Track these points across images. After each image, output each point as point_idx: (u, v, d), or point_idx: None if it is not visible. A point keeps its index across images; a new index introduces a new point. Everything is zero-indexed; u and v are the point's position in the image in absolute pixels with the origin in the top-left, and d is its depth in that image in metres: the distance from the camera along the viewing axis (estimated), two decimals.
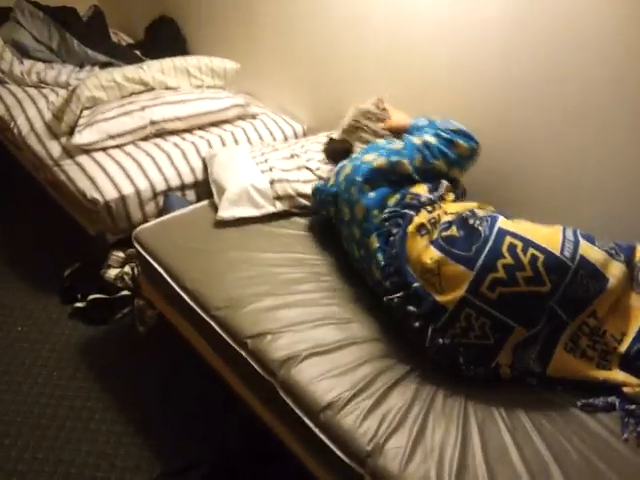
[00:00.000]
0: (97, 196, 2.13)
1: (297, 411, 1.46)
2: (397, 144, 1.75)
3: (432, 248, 1.52)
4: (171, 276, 1.82)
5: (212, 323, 1.68)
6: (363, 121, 1.93)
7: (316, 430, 1.42)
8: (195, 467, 1.68)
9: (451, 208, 1.64)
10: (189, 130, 2.47)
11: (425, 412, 1.41)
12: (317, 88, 2.59)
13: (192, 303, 1.74)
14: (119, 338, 2.21)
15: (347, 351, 1.56)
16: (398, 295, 1.55)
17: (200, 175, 2.33)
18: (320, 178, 2.06)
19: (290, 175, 2.09)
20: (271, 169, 2.09)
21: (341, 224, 1.81)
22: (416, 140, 1.72)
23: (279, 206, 2.05)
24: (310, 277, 1.81)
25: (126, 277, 2.27)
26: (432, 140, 1.70)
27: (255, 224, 2.02)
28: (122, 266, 2.31)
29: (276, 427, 1.60)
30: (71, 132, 2.31)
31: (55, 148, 2.33)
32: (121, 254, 2.31)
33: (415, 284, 1.51)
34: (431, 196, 1.66)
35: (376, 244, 1.63)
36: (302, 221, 2.07)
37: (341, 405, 1.42)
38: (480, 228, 1.50)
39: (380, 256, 1.61)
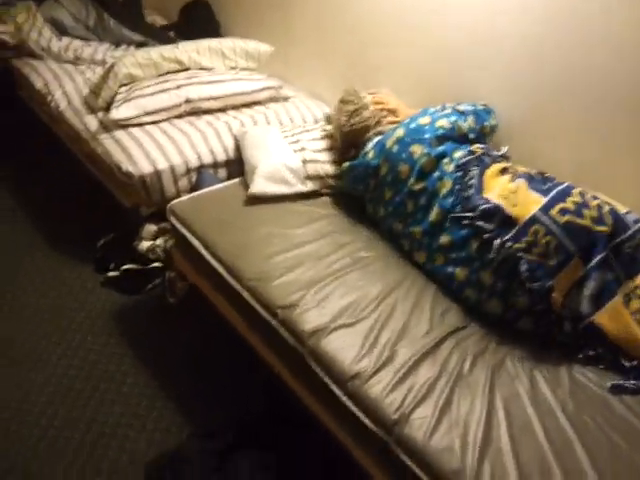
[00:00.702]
0: (132, 169, 2.19)
1: (326, 380, 1.51)
2: (447, 109, 1.96)
3: (513, 183, 1.73)
4: (205, 248, 1.88)
5: (244, 294, 1.74)
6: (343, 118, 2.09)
7: (344, 398, 1.47)
8: (223, 432, 1.74)
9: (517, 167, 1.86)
10: (223, 110, 2.51)
11: (452, 385, 1.46)
12: (350, 74, 2.61)
13: (225, 274, 1.80)
14: (150, 308, 2.29)
15: (377, 323, 1.61)
16: (468, 214, 1.70)
17: (232, 154, 2.38)
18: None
19: (321, 156, 2.14)
20: (303, 149, 2.14)
21: (387, 188, 1.91)
22: (450, 110, 1.95)
23: (310, 186, 2.10)
24: (340, 252, 1.86)
25: (158, 249, 2.33)
26: (468, 107, 1.97)
27: (285, 202, 2.07)
28: (154, 239, 2.37)
29: (304, 396, 1.65)
30: (108, 107, 2.37)
31: (92, 122, 2.39)
32: (154, 227, 2.38)
33: (490, 204, 1.67)
34: (500, 153, 1.93)
35: (449, 186, 1.78)
36: (331, 200, 2.12)
37: (369, 375, 1.47)
38: (555, 180, 1.73)
39: (451, 200, 1.76)
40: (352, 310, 1.64)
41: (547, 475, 1.27)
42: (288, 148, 2.16)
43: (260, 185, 2.03)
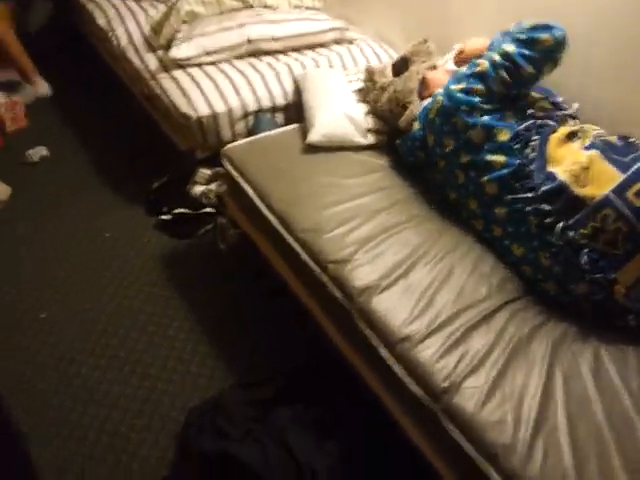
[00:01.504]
0: (190, 111, 2.13)
1: (373, 341, 1.45)
2: (481, 66, 1.63)
3: (585, 151, 1.50)
4: (258, 196, 1.82)
5: (295, 245, 1.68)
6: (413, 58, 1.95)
7: (391, 362, 1.40)
8: (265, 383, 1.71)
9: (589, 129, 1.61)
10: (284, 51, 2.41)
11: (508, 355, 1.36)
12: (422, 18, 2.44)
13: (277, 224, 1.74)
14: (200, 253, 2.26)
15: (431, 285, 1.52)
16: (528, 195, 1.51)
17: (292, 98, 2.28)
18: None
19: None
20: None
21: (434, 162, 1.75)
22: (495, 56, 1.60)
23: (370, 139, 1.98)
24: (396, 207, 1.77)
25: (211, 194, 2.30)
26: (510, 48, 1.57)
27: (343, 151, 1.97)
28: (208, 183, 2.33)
29: (350, 355, 1.59)
30: (169, 46, 2.31)
31: (152, 61, 2.34)
32: (208, 172, 2.33)
33: (555, 182, 1.47)
34: (568, 112, 1.67)
35: (502, 159, 1.57)
36: (391, 151, 1.98)
37: (419, 339, 1.39)
38: (638, 144, 1.51)
39: (507, 171, 1.56)
40: (406, 270, 1.55)
41: (604, 458, 1.18)
42: (351, 96, 2.04)
43: (319, 135, 1.93)
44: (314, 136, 1.93)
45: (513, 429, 1.22)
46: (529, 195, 1.50)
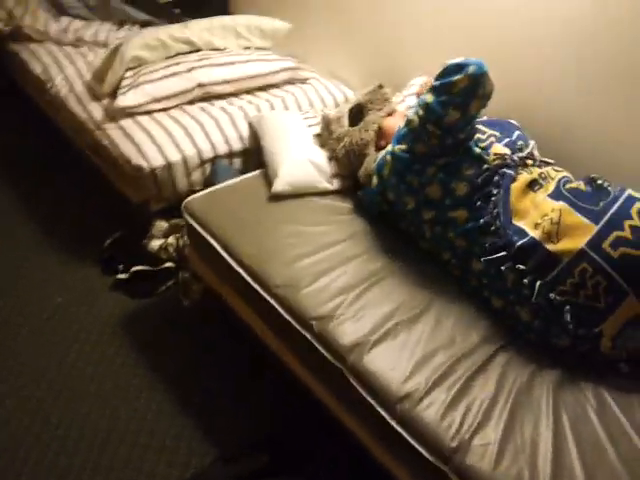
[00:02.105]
0: (142, 162, 2.01)
1: (371, 401, 1.36)
2: (411, 123, 1.55)
3: (551, 200, 1.44)
4: (226, 250, 1.71)
5: (273, 302, 1.57)
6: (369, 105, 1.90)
7: (393, 422, 1.31)
8: (253, 452, 1.58)
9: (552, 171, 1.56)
10: (236, 94, 2.33)
11: (512, 404, 1.31)
12: (371, 53, 2.43)
13: (250, 280, 1.63)
14: (163, 312, 2.11)
15: (422, 336, 1.45)
16: (500, 255, 1.44)
17: (248, 142, 2.19)
18: None
19: None
20: None
21: (400, 215, 1.70)
22: (419, 110, 1.53)
23: (335, 184, 1.92)
24: (370, 254, 1.69)
25: (170, 248, 2.16)
26: (429, 99, 1.49)
27: (308, 196, 1.90)
28: (166, 237, 2.19)
29: (344, 417, 1.49)
30: (113, 94, 2.19)
31: (97, 110, 2.20)
32: (164, 224, 2.20)
33: (525, 238, 1.42)
34: (525, 153, 1.61)
35: (464, 214, 1.52)
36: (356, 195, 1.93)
37: (420, 396, 1.32)
38: (609, 188, 1.45)
39: (471, 225, 1.50)
40: (393, 323, 1.47)
41: None
42: (311, 140, 1.98)
43: (284, 183, 1.85)
44: (279, 185, 1.85)
45: None
46: (502, 254, 1.45)
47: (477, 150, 1.55)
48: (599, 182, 1.49)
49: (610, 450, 1.22)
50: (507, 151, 1.60)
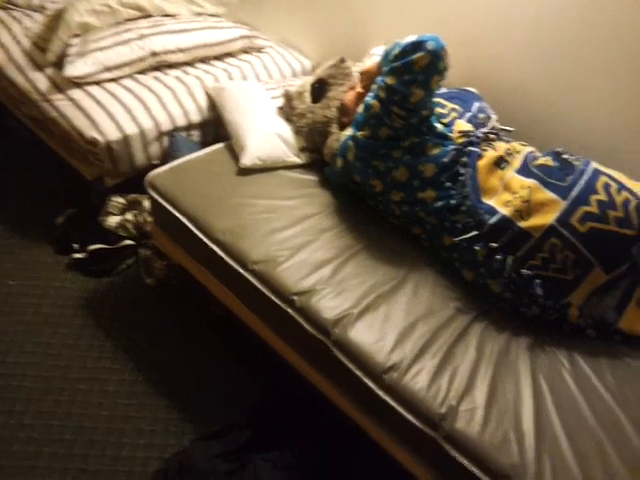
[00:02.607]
0: (97, 136, 1.90)
1: (358, 373, 1.37)
2: (373, 108, 1.54)
3: (520, 177, 1.48)
4: (197, 227, 1.66)
5: (251, 278, 1.55)
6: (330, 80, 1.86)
7: (381, 393, 1.34)
8: (233, 431, 1.57)
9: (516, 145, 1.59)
10: (191, 63, 2.24)
11: (493, 369, 1.36)
12: (328, 22, 2.38)
13: (225, 257, 1.59)
14: (125, 291, 2.03)
15: (402, 307, 1.47)
16: (473, 234, 1.47)
17: (207, 113, 2.12)
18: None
19: None
20: None
21: (368, 195, 1.70)
22: (381, 93, 1.52)
23: (304, 158, 1.89)
24: (344, 225, 1.70)
25: (128, 225, 2.08)
26: (391, 81, 1.49)
27: (277, 170, 1.87)
28: (123, 213, 2.11)
29: (328, 390, 1.50)
30: (58, 62, 2.04)
31: (41, 80, 2.05)
32: (121, 200, 2.11)
33: (496, 216, 1.45)
34: (485, 129, 1.60)
35: (432, 194, 1.53)
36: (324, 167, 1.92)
37: (407, 365, 1.34)
38: (575, 163, 1.49)
39: (441, 204, 1.52)
40: (374, 294, 1.49)
41: (605, 461, 1.20)
42: (276, 113, 1.94)
43: (252, 157, 1.81)
44: (248, 160, 1.80)
45: (518, 447, 1.21)
46: (475, 233, 1.48)
47: (440, 127, 1.57)
48: (564, 156, 1.52)
49: (585, 408, 1.30)
50: (470, 127, 1.61)
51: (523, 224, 1.43)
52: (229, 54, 2.33)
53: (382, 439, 1.42)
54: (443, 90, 1.79)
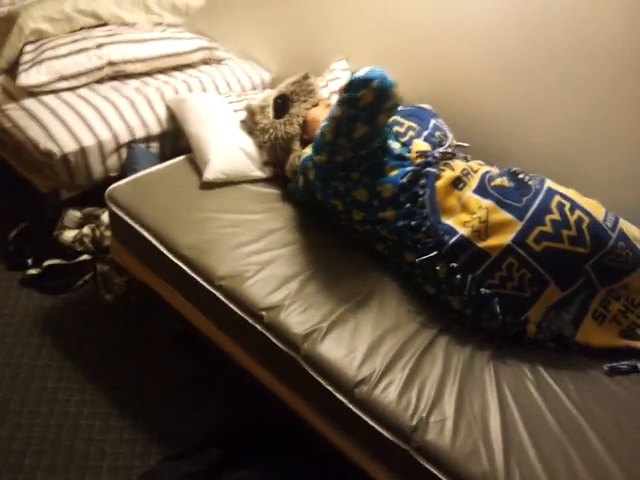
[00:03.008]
0: (53, 147, 1.85)
1: (328, 388, 1.37)
2: (326, 136, 1.54)
3: (477, 197, 1.51)
4: (161, 242, 1.63)
5: (218, 294, 1.53)
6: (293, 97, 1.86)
7: (352, 406, 1.34)
8: (201, 449, 1.54)
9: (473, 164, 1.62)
10: (149, 74, 2.20)
11: (459, 380, 1.39)
12: (288, 34, 2.38)
13: (192, 273, 1.57)
14: (83, 308, 1.97)
15: (370, 320, 1.49)
16: (433, 254, 1.49)
17: (167, 125, 2.09)
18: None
19: None
20: None
21: (330, 213, 1.70)
22: (331, 122, 1.52)
23: (267, 172, 1.89)
24: (309, 239, 1.70)
25: (86, 239, 2.02)
26: (338, 112, 1.49)
27: (241, 184, 1.86)
28: (80, 227, 2.05)
29: (299, 406, 1.50)
30: (10, 70, 1.98)
31: None
32: (78, 213, 2.05)
33: (455, 236, 1.48)
34: (442, 149, 1.62)
35: (392, 214, 1.55)
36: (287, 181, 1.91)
37: (377, 378, 1.36)
38: (530, 183, 1.52)
39: (402, 223, 1.54)
40: (342, 308, 1.50)
41: (570, 466, 1.24)
42: (239, 126, 1.93)
43: (216, 171, 1.80)
44: (211, 173, 1.79)
45: (487, 456, 1.24)
46: (435, 253, 1.50)
47: (397, 150, 1.58)
48: (520, 176, 1.55)
49: (549, 416, 1.33)
50: (427, 147, 1.62)
51: (482, 244, 1.46)
52: (189, 65, 2.30)
53: (354, 453, 1.42)
54: (400, 107, 1.82)
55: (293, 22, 2.34)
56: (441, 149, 1.62)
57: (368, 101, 1.44)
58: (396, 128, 1.67)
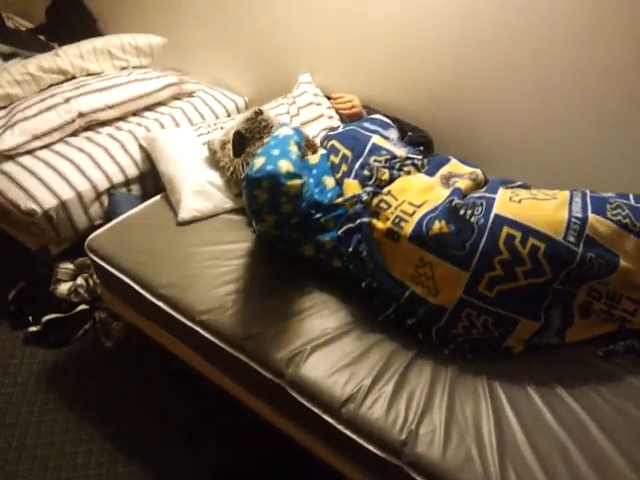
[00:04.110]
0: (33, 206, 1.88)
1: (315, 410, 1.35)
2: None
3: (415, 247, 1.39)
4: (141, 285, 1.64)
5: (199, 329, 1.53)
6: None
7: (340, 427, 1.32)
8: None
9: (414, 195, 1.48)
10: (122, 118, 2.23)
11: (449, 388, 1.35)
12: (255, 56, 2.39)
13: (172, 311, 1.57)
14: (86, 358, 2.00)
15: (350, 338, 1.46)
16: (390, 312, 1.46)
17: (144, 166, 2.11)
18: None
19: None
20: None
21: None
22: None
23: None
24: (294, 270, 1.66)
25: (80, 290, 2.05)
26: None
27: (218, 214, 1.86)
28: (73, 278, 2.08)
29: (292, 431, 1.48)
30: None
31: None
32: (70, 265, 2.08)
33: (407, 292, 1.42)
34: (370, 188, 1.50)
35: (340, 264, 1.54)
36: None
37: (362, 395, 1.33)
38: (472, 219, 1.35)
39: (353, 271, 1.51)
40: (320, 330, 1.47)
41: (570, 465, 1.19)
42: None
43: (189, 211, 1.81)
44: (185, 213, 1.81)
45: (481, 462, 1.20)
46: (391, 308, 1.46)
47: (327, 199, 1.54)
48: (461, 213, 1.37)
49: (547, 415, 1.28)
50: (357, 187, 1.52)
51: (434, 300, 1.39)
52: (160, 103, 2.33)
53: (349, 471, 1.40)
54: (339, 130, 1.76)
55: (257, 45, 2.35)
56: (369, 189, 1.50)
57: (264, 199, 1.40)
58: (332, 157, 1.63)
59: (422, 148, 1.77)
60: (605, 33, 1.62)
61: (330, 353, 1.42)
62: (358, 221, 1.46)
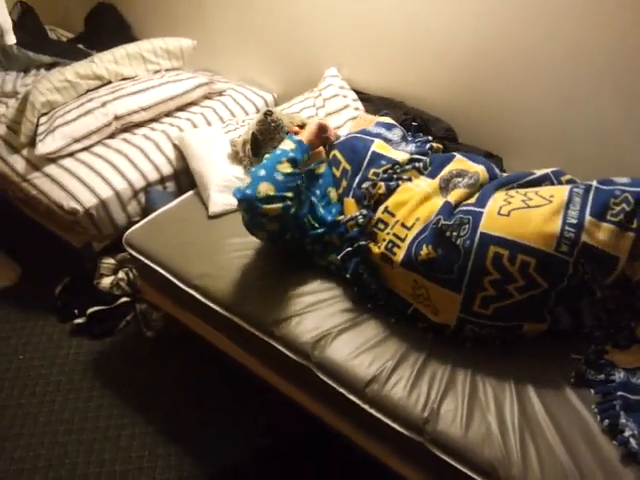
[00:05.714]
0: (76, 205, 1.99)
1: (341, 390, 1.40)
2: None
3: (409, 272, 1.40)
4: (176, 276, 1.72)
5: (233, 317, 1.60)
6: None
7: (365, 406, 1.37)
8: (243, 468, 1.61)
9: (409, 209, 1.45)
10: (156, 119, 2.33)
11: (472, 370, 1.37)
12: (282, 53, 2.46)
13: (205, 300, 1.65)
14: (128, 347, 2.11)
15: (372, 324, 1.50)
16: (397, 317, 1.51)
17: (178, 164, 2.20)
18: None
19: None
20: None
21: None
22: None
23: None
24: (310, 261, 1.70)
25: (122, 283, 2.16)
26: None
27: None
28: (115, 272, 2.19)
29: (320, 411, 1.54)
30: (32, 142, 2.15)
31: (19, 162, 2.16)
32: (111, 260, 2.20)
33: (410, 309, 1.47)
34: (364, 211, 1.49)
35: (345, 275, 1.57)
36: None
37: (386, 376, 1.37)
38: (459, 242, 1.32)
39: (360, 291, 1.56)
40: (344, 316, 1.52)
41: (593, 443, 1.20)
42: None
43: (219, 205, 1.88)
44: (214, 208, 1.88)
45: (502, 439, 1.23)
46: (396, 317, 1.50)
47: (331, 215, 1.57)
48: (447, 234, 1.34)
49: (571, 393, 1.29)
50: (355, 209, 1.52)
51: (435, 319, 1.43)
52: (191, 103, 2.41)
53: (374, 449, 1.45)
54: (342, 138, 1.71)
55: (285, 41, 2.41)
56: (364, 211, 1.49)
57: (247, 219, 1.52)
58: (334, 170, 1.64)
59: (430, 137, 1.74)
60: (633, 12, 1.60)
61: (354, 337, 1.46)
62: (355, 245, 1.49)
